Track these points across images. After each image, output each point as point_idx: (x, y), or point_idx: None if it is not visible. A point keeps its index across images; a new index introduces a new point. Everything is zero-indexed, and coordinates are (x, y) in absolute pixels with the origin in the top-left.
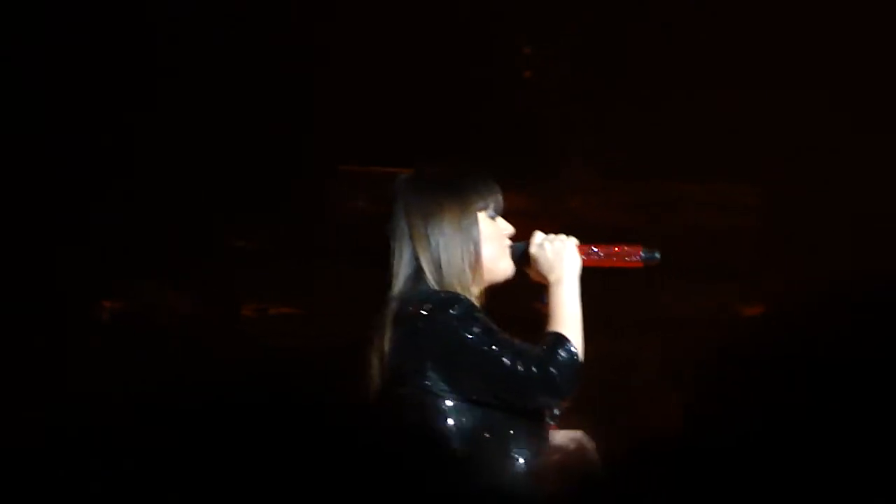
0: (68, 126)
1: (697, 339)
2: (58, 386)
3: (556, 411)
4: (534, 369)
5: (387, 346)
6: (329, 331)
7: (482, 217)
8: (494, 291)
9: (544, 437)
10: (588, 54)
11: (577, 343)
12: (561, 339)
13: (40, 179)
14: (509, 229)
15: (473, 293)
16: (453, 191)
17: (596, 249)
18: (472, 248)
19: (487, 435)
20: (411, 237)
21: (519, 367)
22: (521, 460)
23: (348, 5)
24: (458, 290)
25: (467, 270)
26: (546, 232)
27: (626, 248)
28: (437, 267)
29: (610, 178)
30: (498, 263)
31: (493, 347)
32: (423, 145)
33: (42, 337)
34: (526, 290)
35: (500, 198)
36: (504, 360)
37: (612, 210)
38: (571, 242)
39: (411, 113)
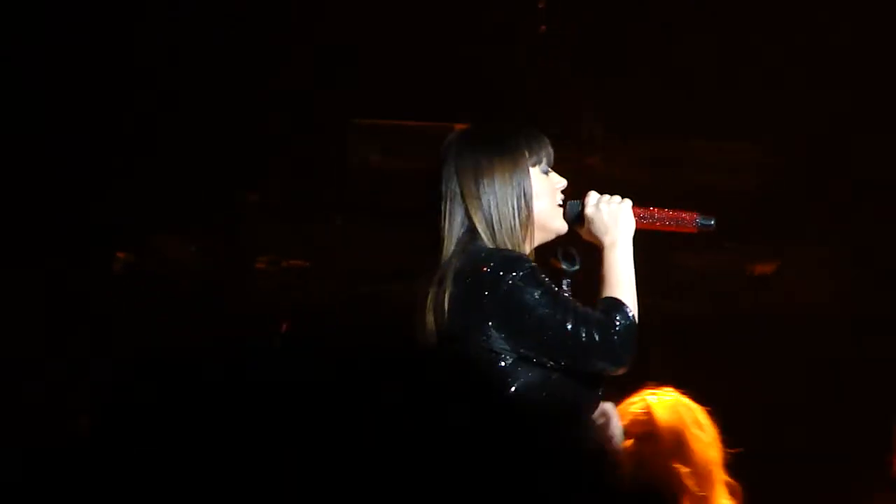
0: (90, 84)
1: (710, 295)
2: (73, 334)
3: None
4: (595, 335)
5: (446, 303)
6: (341, 284)
7: (534, 172)
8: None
9: (596, 404)
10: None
11: (633, 307)
12: (618, 305)
13: (58, 135)
14: (562, 183)
15: (526, 250)
16: (503, 147)
17: (652, 213)
18: (524, 204)
19: (544, 395)
20: (463, 196)
21: (580, 332)
22: (575, 424)
23: None
24: (511, 248)
25: (519, 228)
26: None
27: (681, 213)
28: (490, 225)
29: (624, 135)
30: (551, 221)
31: (555, 310)
32: (436, 100)
33: (57, 286)
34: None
35: (551, 151)
36: (565, 324)
37: (625, 166)
38: (627, 204)
39: (424, 66)
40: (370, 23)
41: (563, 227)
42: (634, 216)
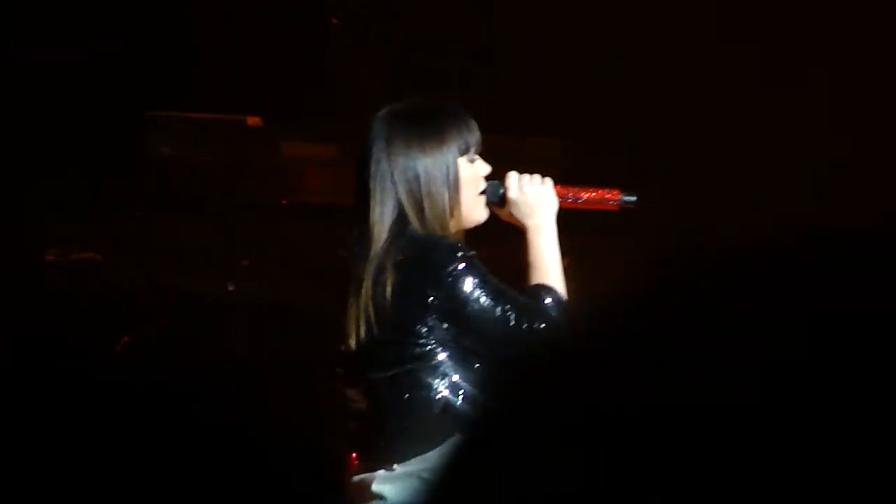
0: None
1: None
2: None
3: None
4: (527, 324)
5: (388, 292)
6: (134, 276)
7: (462, 161)
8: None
9: None
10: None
11: (563, 292)
12: (550, 291)
13: None
14: (486, 170)
15: (452, 235)
16: (434, 131)
17: (574, 191)
18: (453, 190)
19: (480, 388)
20: (393, 178)
21: (514, 323)
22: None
23: None
24: (441, 233)
25: (448, 214)
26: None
27: (603, 191)
28: (421, 209)
29: None
30: (474, 210)
31: (496, 300)
32: (228, 93)
33: None
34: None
35: (478, 136)
36: (506, 314)
37: None
38: (549, 184)
39: (216, 59)
40: (166, 14)
41: (484, 216)
42: (557, 195)
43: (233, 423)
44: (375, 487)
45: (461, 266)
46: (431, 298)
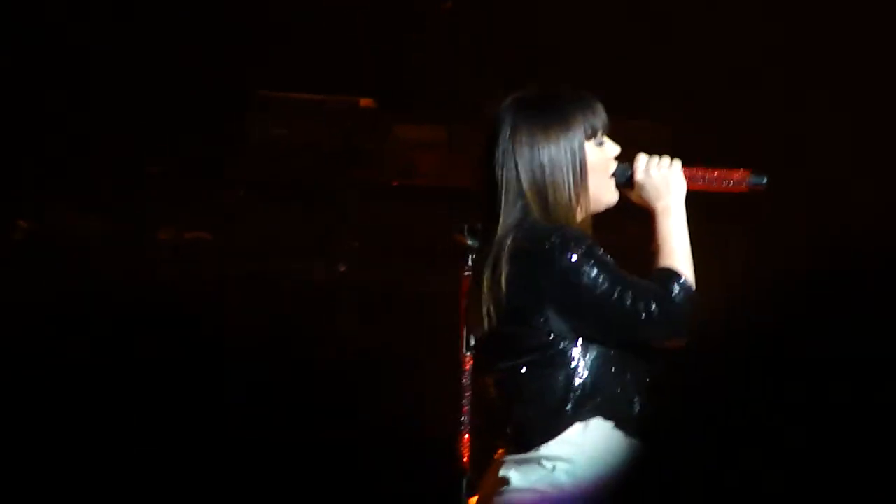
0: None
1: None
2: None
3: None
4: (653, 308)
5: (503, 284)
6: (242, 258)
7: (589, 146)
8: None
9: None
10: None
11: (690, 276)
12: (675, 275)
13: None
14: (615, 151)
15: (578, 223)
16: (559, 117)
17: (702, 173)
18: (579, 177)
19: (604, 378)
20: (518, 169)
21: (638, 307)
22: (637, 404)
23: None
24: (565, 221)
25: (574, 201)
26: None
27: (732, 172)
28: (545, 198)
29: None
30: (603, 194)
31: (612, 287)
32: (337, 73)
33: None
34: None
35: (605, 119)
36: (624, 300)
37: None
38: (677, 166)
39: (328, 39)
40: None
41: (614, 199)
42: (685, 178)
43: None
44: (502, 472)
45: (576, 253)
46: (545, 289)
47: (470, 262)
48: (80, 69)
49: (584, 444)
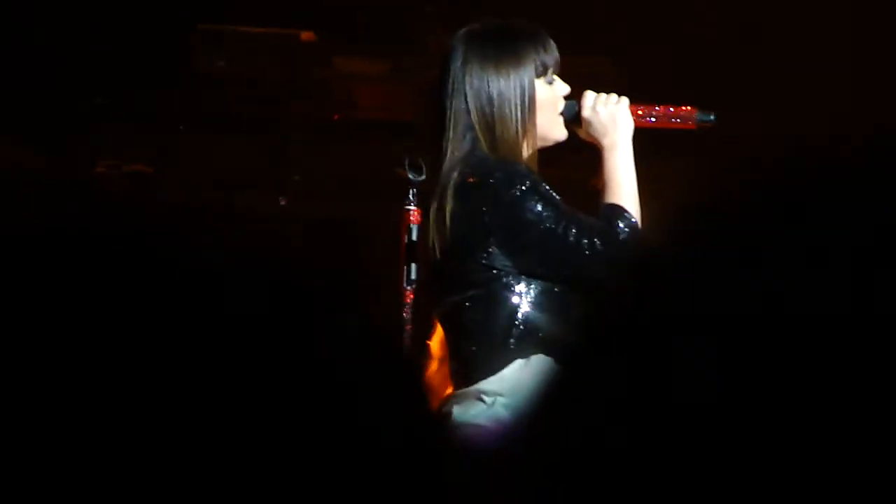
0: None
1: None
2: None
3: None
4: (597, 244)
5: (448, 219)
6: (183, 191)
7: (539, 83)
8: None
9: None
10: None
11: (636, 213)
12: (620, 211)
13: None
14: (565, 90)
15: (523, 158)
16: (511, 51)
17: (649, 110)
18: (527, 112)
19: (547, 315)
20: (467, 100)
21: (582, 242)
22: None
23: None
24: (511, 156)
25: (520, 136)
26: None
27: (680, 109)
28: (492, 131)
29: None
30: (552, 131)
31: (557, 222)
32: (281, 6)
33: None
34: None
35: (557, 57)
36: (567, 235)
37: None
38: (624, 103)
39: None
40: None
41: (562, 135)
42: (632, 115)
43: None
44: (444, 407)
45: (521, 189)
46: (489, 222)
47: (411, 196)
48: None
49: (524, 380)
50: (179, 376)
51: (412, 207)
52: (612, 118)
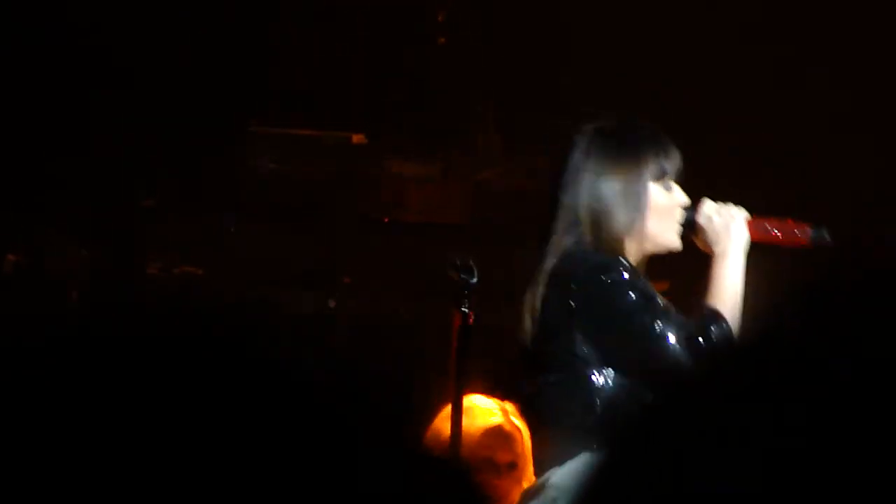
0: None
1: None
2: None
3: None
4: (683, 342)
5: (538, 303)
6: (236, 291)
7: (656, 188)
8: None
9: None
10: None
11: (732, 321)
12: (715, 316)
13: None
14: (683, 198)
15: (631, 257)
16: (627, 155)
17: (765, 224)
18: (635, 218)
19: (618, 408)
20: (579, 194)
21: (669, 337)
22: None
23: None
24: (613, 256)
25: (623, 238)
26: None
27: (795, 225)
28: (598, 230)
29: (516, 148)
30: (663, 237)
31: (646, 314)
32: (334, 109)
33: None
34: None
35: (678, 163)
36: (654, 328)
37: (517, 178)
38: (741, 216)
39: (321, 75)
40: (275, 29)
41: (675, 245)
42: (749, 228)
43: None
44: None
45: (614, 276)
46: (576, 310)
47: (463, 298)
48: (77, 101)
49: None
50: (214, 485)
51: (465, 310)
52: (726, 227)
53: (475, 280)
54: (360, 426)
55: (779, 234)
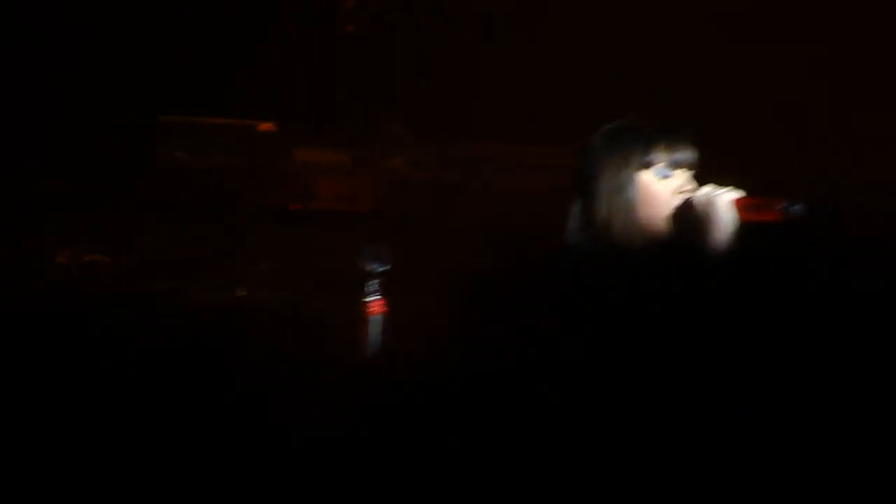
0: None
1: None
2: None
3: None
4: None
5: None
6: (144, 279)
7: (646, 176)
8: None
9: None
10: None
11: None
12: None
13: None
14: (684, 185)
15: (634, 246)
16: (615, 149)
17: (754, 203)
18: (628, 210)
19: None
20: (581, 189)
21: None
22: None
23: None
24: (622, 247)
25: (608, 226)
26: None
27: (776, 201)
28: (589, 218)
29: (425, 137)
30: (655, 226)
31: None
32: (239, 98)
33: None
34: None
35: (676, 151)
36: None
37: (427, 167)
38: (730, 196)
39: (230, 64)
40: (181, 19)
41: (662, 232)
42: (738, 209)
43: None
44: None
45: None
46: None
47: (372, 286)
48: None
49: None
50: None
51: (373, 298)
52: (718, 211)
53: (386, 267)
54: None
55: (764, 210)
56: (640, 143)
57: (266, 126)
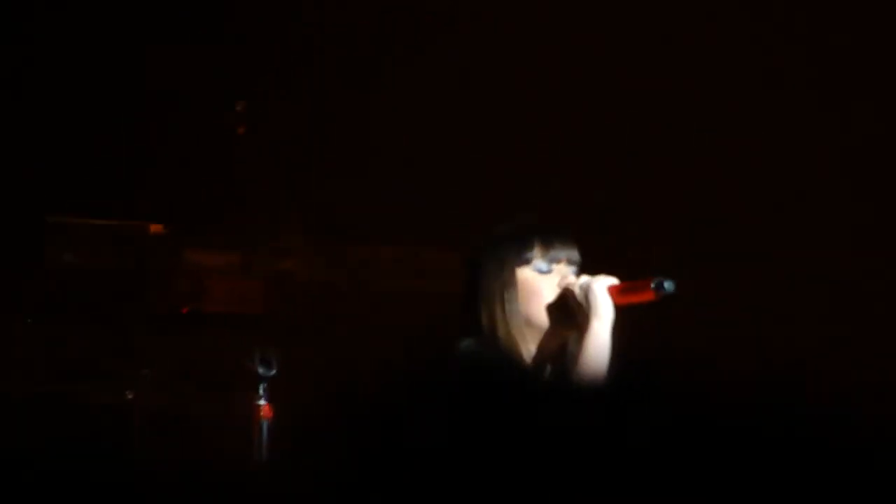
0: None
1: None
2: None
3: None
4: None
5: None
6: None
7: (526, 273)
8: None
9: None
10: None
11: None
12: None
13: None
14: (566, 278)
15: (527, 351)
16: (493, 251)
17: (627, 288)
18: (509, 310)
19: None
20: (468, 297)
21: None
22: None
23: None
24: (507, 349)
25: (494, 324)
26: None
27: (646, 281)
28: (485, 327)
29: (318, 241)
30: (544, 321)
31: None
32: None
33: None
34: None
35: (553, 246)
36: None
37: (319, 270)
38: (603, 283)
39: (123, 166)
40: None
41: (543, 323)
42: (611, 294)
43: None
44: None
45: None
46: None
47: (261, 390)
48: None
49: None
50: None
51: (262, 402)
52: (593, 299)
53: (273, 372)
54: None
55: (638, 294)
56: (517, 242)
57: (156, 227)
